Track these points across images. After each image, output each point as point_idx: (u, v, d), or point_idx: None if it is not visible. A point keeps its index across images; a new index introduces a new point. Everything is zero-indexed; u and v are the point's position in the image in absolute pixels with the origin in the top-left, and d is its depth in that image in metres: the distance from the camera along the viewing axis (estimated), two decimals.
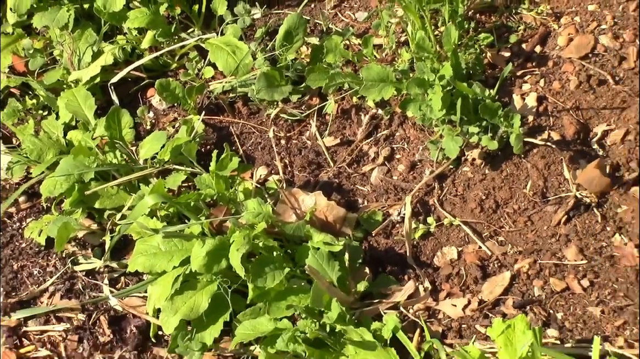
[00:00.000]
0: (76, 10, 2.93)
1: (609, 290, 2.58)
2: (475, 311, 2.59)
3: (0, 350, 2.58)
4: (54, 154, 2.70)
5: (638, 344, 2.48)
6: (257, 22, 2.93)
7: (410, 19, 2.79)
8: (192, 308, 2.50)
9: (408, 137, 2.75)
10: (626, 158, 2.73)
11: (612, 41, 2.89)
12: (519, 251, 2.68)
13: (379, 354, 2.43)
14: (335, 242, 2.56)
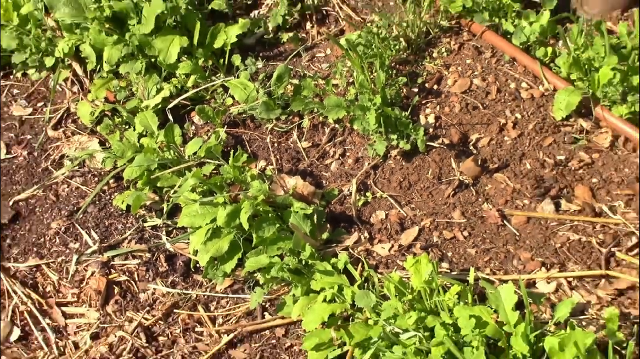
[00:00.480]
0: (146, 62, 2.99)
1: (480, 238, 2.67)
2: (396, 251, 2.69)
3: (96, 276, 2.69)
4: (131, 152, 2.77)
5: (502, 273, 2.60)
6: (259, 70, 2.98)
7: (355, 69, 2.86)
8: (217, 249, 2.59)
9: (354, 142, 2.83)
10: (490, 155, 2.82)
11: (481, 82, 2.96)
12: (424, 213, 2.76)
13: (335, 278, 2.53)
14: (308, 208, 2.66)
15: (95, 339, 2.57)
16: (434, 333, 2.32)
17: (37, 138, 3.03)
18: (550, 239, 2.66)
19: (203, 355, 2.52)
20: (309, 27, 3.24)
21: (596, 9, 3.17)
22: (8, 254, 2.77)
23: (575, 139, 2.87)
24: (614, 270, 2.56)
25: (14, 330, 2.61)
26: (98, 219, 2.82)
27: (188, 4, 3.11)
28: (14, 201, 2.90)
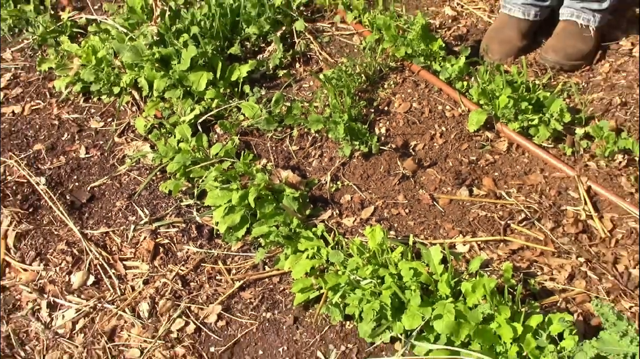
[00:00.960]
0: (183, 90, 2.98)
1: (417, 214, 2.63)
2: (358, 223, 2.63)
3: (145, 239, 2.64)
4: (172, 153, 2.74)
5: (432, 238, 2.56)
6: (262, 96, 2.94)
7: (330, 95, 2.81)
8: (232, 221, 2.54)
9: (329, 146, 2.78)
10: (424, 156, 2.78)
11: (417, 105, 2.92)
12: (377, 196, 2.70)
13: (315, 242, 2.48)
14: (296, 192, 2.61)
15: (146, 284, 2.55)
16: (384, 280, 2.29)
17: (107, 143, 2.99)
18: (465, 215, 2.61)
19: (222, 295, 2.49)
20: (298, 66, 3.21)
21: (496, 56, 3.14)
22: (86, 224, 2.76)
23: (482, 145, 2.83)
24: (509, 236, 2.54)
25: (89, 277, 2.59)
26: (149, 200, 2.79)
27: (213, 50, 3.10)
28: (90, 187, 2.87)
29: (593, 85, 3.05)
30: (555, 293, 2.38)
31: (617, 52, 3.21)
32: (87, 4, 3.66)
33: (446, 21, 3.44)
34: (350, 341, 2.32)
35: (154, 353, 2.35)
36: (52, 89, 3.30)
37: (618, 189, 2.66)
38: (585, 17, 3.12)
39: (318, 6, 3.47)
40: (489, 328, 2.14)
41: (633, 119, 2.88)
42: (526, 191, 2.67)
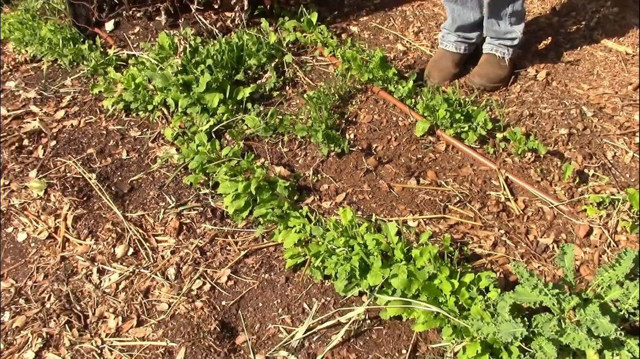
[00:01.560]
0: (201, 107, 2.89)
1: (378, 199, 2.55)
2: (334, 206, 2.55)
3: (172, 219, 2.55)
4: (193, 154, 2.65)
5: (389, 216, 2.48)
6: (261, 111, 2.87)
7: (312, 110, 2.73)
8: (238, 205, 2.47)
9: (311, 148, 2.72)
10: (383, 155, 2.71)
11: (377, 117, 2.85)
12: (348, 186, 2.62)
13: (301, 220, 2.41)
14: (286, 183, 2.53)
15: (172, 253, 2.47)
16: (354, 248, 2.22)
17: (143, 148, 2.89)
18: (414, 199, 2.54)
19: (231, 261, 2.41)
20: (287, 89, 3.13)
21: (436, 81, 3.06)
22: (127, 209, 2.67)
23: (426, 147, 2.75)
24: (447, 215, 2.47)
25: (129, 249, 2.50)
26: (175, 190, 2.70)
27: (223, 76, 3.03)
28: (130, 181, 2.77)
29: (508, 102, 2.99)
30: (483, 257, 2.32)
31: (525, 76, 3.15)
32: (127, 43, 3.56)
33: (398, 54, 3.36)
34: (329, 295, 2.25)
35: (179, 306, 2.27)
36: (101, 107, 3.20)
37: (528, 178, 2.60)
38: (501, 50, 3.08)
39: (302, 43, 3.38)
40: (433, 284, 2.08)
41: (538, 126, 2.82)
42: (460, 181, 2.61)
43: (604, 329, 1.70)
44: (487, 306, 2.00)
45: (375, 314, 2.16)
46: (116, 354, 2.16)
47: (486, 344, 1.94)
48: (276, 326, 2.19)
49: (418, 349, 2.08)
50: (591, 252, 2.33)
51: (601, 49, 3.37)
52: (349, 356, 2.07)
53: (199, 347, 2.14)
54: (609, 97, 3.01)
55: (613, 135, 2.79)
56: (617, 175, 2.62)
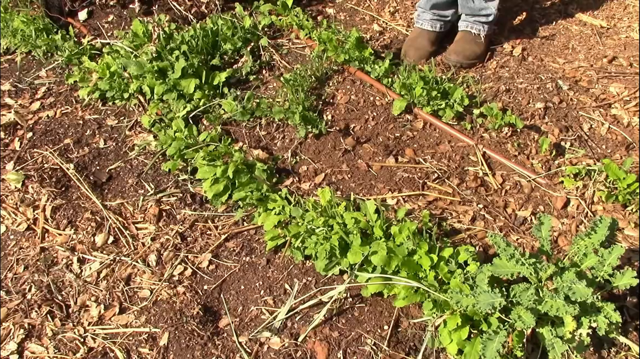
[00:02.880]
0: (177, 93, 2.88)
1: (357, 178, 2.56)
2: (313, 187, 2.55)
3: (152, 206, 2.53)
4: (170, 141, 2.63)
5: (368, 195, 2.48)
6: (238, 95, 2.86)
7: (288, 92, 2.75)
8: (217, 189, 2.46)
9: (289, 130, 2.72)
10: (361, 134, 2.71)
11: (355, 97, 2.83)
12: (327, 166, 2.63)
13: (280, 202, 2.41)
14: (265, 166, 2.53)
15: (153, 240, 2.46)
16: (333, 227, 2.22)
17: (120, 136, 2.88)
18: (393, 177, 2.55)
19: (211, 246, 2.40)
20: (264, 72, 3.12)
21: (413, 59, 3.07)
22: (106, 198, 2.65)
23: (404, 125, 2.76)
24: (426, 191, 2.48)
25: (109, 237, 2.49)
26: (153, 177, 2.69)
27: (199, 62, 3.01)
28: (108, 169, 2.76)
29: (485, 78, 3.00)
30: (462, 231, 2.33)
31: (501, 52, 3.16)
32: (101, 32, 3.52)
33: (375, 35, 3.36)
34: (310, 275, 2.25)
35: (161, 292, 2.27)
36: (77, 97, 3.16)
37: (505, 152, 2.61)
38: (477, 27, 3.08)
39: (278, 27, 3.36)
40: (413, 259, 2.09)
41: (515, 101, 2.84)
42: (438, 157, 2.61)
43: (581, 294, 1.72)
44: (466, 279, 2.02)
45: (357, 292, 2.17)
46: (99, 342, 2.16)
47: (466, 317, 1.96)
48: (258, 307, 2.20)
49: (400, 325, 2.10)
50: (569, 223, 2.35)
51: (576, 23, 3.38)
52: (331, 334, 2.08)
53: (182, 332, 2.14)
54: (584, 71, 3.03)
55: (589, 107, 2.81)
56: (594, 147, 2.64)
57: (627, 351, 1.96)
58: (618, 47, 3.19)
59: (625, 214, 2.35)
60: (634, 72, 3.01)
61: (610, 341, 1.98)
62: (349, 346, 2.05)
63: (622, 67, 3.05)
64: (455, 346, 1.96)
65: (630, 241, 2.26)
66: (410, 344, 2.05)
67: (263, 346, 2.09)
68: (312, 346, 2.06)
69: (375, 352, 2.02)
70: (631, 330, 2.02)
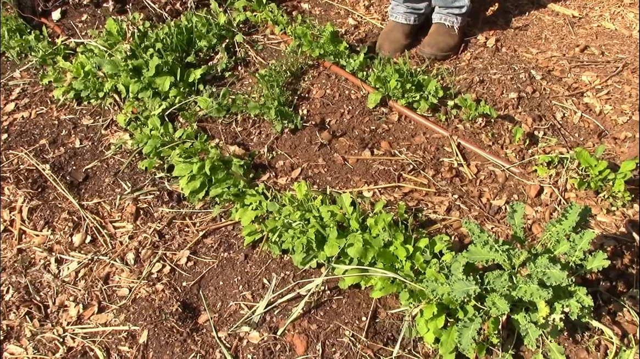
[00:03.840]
0: (153, 91, 2.88)
1: (333, 171, 2.57)
2: (289, 181, 2.56)
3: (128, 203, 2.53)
4: (147, 139, 2.63)
5: (344, 188, 2.49)
6: (213, 92, 2.87)
7: (264, 88, 2.75)
8: (194, 186, 2.46)
9: (265, 126, 2.73)
10: (337, 128, 2.72)
11: (330, 91, 2.86)
12: (303, 161, 2.63)
13: (257, 197, 2.42)
14: (241, 162, 2.54)
15: (131, 238, 2.46)
16: (310, 221, 2.23)
17: (96, 135, 2.87)
18: (369, 169, 2.57)
19: (189, 243, 2.40)
20: (240, 69, 3.12)
21: (387, 53, 3.09)
22: (83, 198, 2.64)
23: (379, 118, 2.78)
24: (401, 183, 2.50)
25: (87, 237, 2.49)
26: (130, 175, 2.68)
27: (173, 59, 2.99)
28: (85, 169, 2.75)
29: (459, 69, 3.02)
30: (438, 222, 2.35)
31: (475, 44, 3.18)
32: (75, 32, 3.50)
33: (350, 29, 3.37)
34: (288, 269, 2.26)
35: (140, 290, 2.27)
36: (52, 97, 3.14)
37: (480, 143, 2.64)
38: (450, 19, 3.10)
39: (253, 23, 3.36)
40: (389, 251, 2.11)
41: (488, 92, 2.86)
42: (413, 149, 2.64)
43: (555, 278, 1.74)
44: (441, 268, 2.04)
45: (335, 284, 2.18)
46: (79, 342, 2.16)
47: (442, 306, 1.98)
48: (237, 303, 2.20)
49: (378, 316, 2.12)
50: (542, 211, 2.38)
51: (548, 13, 3.42)
52: (310, 327, 2.10)
53: (162, 329, 2.15)
54: (557, 60, 3.06)
55: (562, 96, 2.85)
56: (566, 135, 2.67)
57: (600, 334, 2.00)
58: (590, 37, 3.23)
59: (598, 201, 2.38)
60: (605, 60, 3.05)
61: (584, 325, 2.02)
62: (328, 338, 2.06)
63: (594, 56, 3.09)
64: (432, 335, 1.98)
65: (603, 227, 2.30)
66: (388, 334, 2.07)
67: (242, 340, 2.10)
68: (291, 340, 2.07)
69: (353, 343, 2.04)
70: (604, 314, 2.05)
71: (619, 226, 2.28)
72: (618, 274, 2.15)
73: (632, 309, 2.04)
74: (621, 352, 1.93)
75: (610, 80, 2.92)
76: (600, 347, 1.97)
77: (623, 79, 2.93)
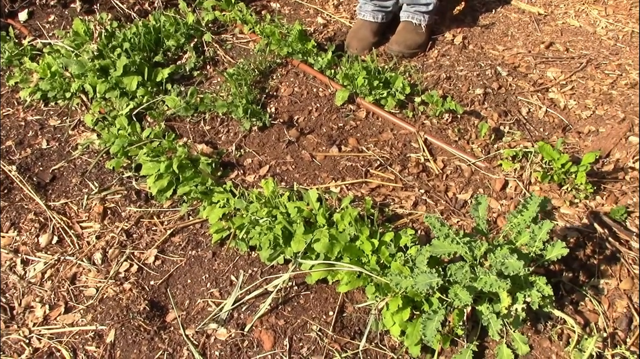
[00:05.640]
0: (120, 91, 2.86)
1: (301, 168, 2.59)
2: (257, 179, 2.56)
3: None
4: (114, 139, 2.61)
5: (312, 184, 2.51)
6: (182, 91, 2.87)
7: (232, 86, 2.75)
8: (161, 185, 2.47)
9: (233, 124, 2.74)
10: (305, 125, 2.73)
11: (298, 89, 2.87)
12: (271, 158, 2.64)
13: (225, 194, 2.43)
14: (209, 160, 2.54)
15: (98, 238, 2.45)
16: (277, 217, 2.24)
17: (63, 136, 2.86)
18: (336, 166, 2.59)
19: (157, 241, 2.40)
20: (208, 68, 3.13)
21: (356, 51, 3.12)
22: (50, 198, 2.62)
23: (347, 115, 2.80)
24: (369, 179, 2.53)
25: (54, 238, 2.48)
26: (97, 175, 2.67)
27: (141, 59, 2.99)
28: (52, 170, 2.73)
29: (426, 66, 3.06)
30: (404, 216, 2.38)
31: (442, 42, 3.23)
32: (43, 32, 3.48)
33: (319, 28, 3.39)
34: (256, 265, 2.27)
35: (107, 289, 2.26)
36: (18, 98, 3.12)
37: (446, 138, 2.68)
38: (417, 17, 3.14)
39: (222, 22, 3.37)
40: (355, 245, 2.13)
41: (455, 88, 2.90)
42: (381, 145, 2.66)
43: (513, 267, 1.78)
44: (406, 261, 2.06)
45: (302, 280, 2.20)
46: (45, 343, 2.14)
47: (408, 299, 2.01)
48: (205, 300, 2.21)
49: (345, 310, 2.14)
50: (507, 204, 2.42)
51: (515, 10, 3.47)
52: (277, 322, 2.11)
53: (129, 328, 2.14)
54: (523, 57, 3.12)
55: (527, 92, 2.89)
56: (531, 130, 2.72)
57: (562, 324, 2.04)
58: (555, 33, 3.29)
59: (561, 193, 2.43)
60: (569, 56, 3.10)
61: (547, 315, 2.05)
62: (295, 334, 2.08)
63: (559, 52, 3.14)
64: (398, 328, 2.01)
65: (566, 219, 2.34)
66: (355, 328, 2.09)
67: (210, 337, 2.10)
68: (258, 335, 2.08)
69: (320, 338, 2.06)
70: (567, 304, 2.09)
71: (582, 218, 2.33)
72: (580, 264, 2.20)
73: (594, 298, 2.09)
74: (583, 340, 1.97)
75: (574, 76, 2.98)
76: (563, 336, 2.01)
77: (587, 74, 2.99)
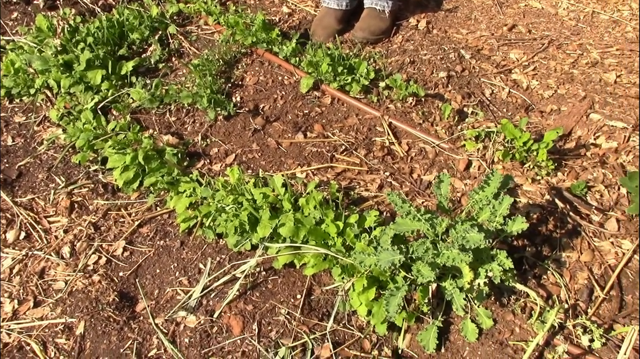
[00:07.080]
0: (85, 85, 2.85)
1: (267, 156, 2.60)
2: (223, 167, 2.57)
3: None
4: (80, 133, 2.61)
5: (278, 171, 2.52)
6: (147, 84, 2.87)
7: (197, 77, 2.76)
8: (127, 177, 2.47)
9: (199, 114, 2.76)
10: (271, 114, 2.74)
11: (263, 78, 2.88)
12: (237, 147, 2.65)
13: (191, 184, 2.44)
14: (175, 150, 2.55)
15: (66, 232, 2.45)
16: (243, 204, 2.25)
17: (28, 132, 2.84)
18: (302, 152, 2.61)
19: (125, 233, 2.41)
20: (174, 60, 3.13)
21: (321, 38, 3.14)
22: (16, 194, 2.62)
23: (312, 102, 2.83)
24: (334, 164, 2.55)
25: (21, 233, 2.47)
26: (64, 170, 2.67)
27: (105, 53, 2.99)
28: (17, 166, 2.72)
29: (391, 52, 3.09)
30: (369, 199, 2.41)
31: (407, 27, 3.26)
32: (5, 30, 3.45)
33: (284, 17, 3.41)
34: (223, 252, 2.29)
35: (76, 282, 2.27)
36: None
37: (410, 121, 2.71)
38: (381, 3, 3.16)
39: (187, 14, 3.38)
40: (320, 228, 2.15)
41: (419, 72, 2.93)
42: (346, 130, 2.69)
43: (474, 240, 1.81)
44: (370, 241, 2.09)
45: (270, 265, 2.22)
46: (14, 337, 2.15)
47: (373, 278, 2.04)
48: (174, 289, 2.22)
49: (312, 293, 2.16)
50: (471, 183, 2.46)
51: None
52: (246, 307, 2.13)
53: (98, 319, 2.15)
54: (486, 39, 3.16)
55: (490, 74, 2.94)
56: (495, 110, 2.76)
57: (526, 297, 2.08)
58: (517, 16, 3.33)
59: (524, 171, 2.47)
60: (532, 38, 3.15)
61: (510, 289, 2.10)
62: (264, 318, 2.10)
63: (521, 34, 3.19)
64: (364, 308, 2.04)
65: (529, 196, 2.38)
66: (323, 310, 2.12)
67: (179, 325, 2.12)
68: (227, 321, 2.10)
69: (289, 321, 2.08)
70: (530, 278, 2.13)
71: (544, 194, 2.37)
72: (543, 239, 2.24)
73: (556, 271, 2.13)
74: (545, 312, 2.02)
75: (536, 57, 3.02)
76: (526, 309, 2.05)
77: (549, 54, 3.04)
